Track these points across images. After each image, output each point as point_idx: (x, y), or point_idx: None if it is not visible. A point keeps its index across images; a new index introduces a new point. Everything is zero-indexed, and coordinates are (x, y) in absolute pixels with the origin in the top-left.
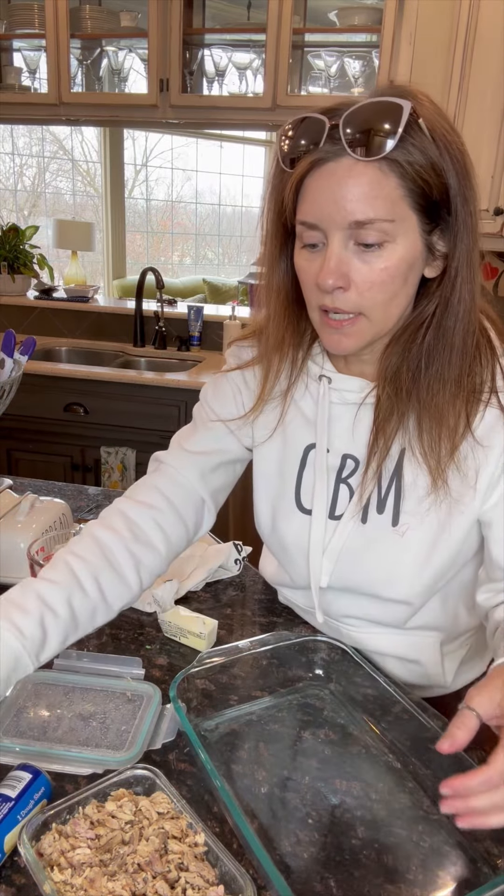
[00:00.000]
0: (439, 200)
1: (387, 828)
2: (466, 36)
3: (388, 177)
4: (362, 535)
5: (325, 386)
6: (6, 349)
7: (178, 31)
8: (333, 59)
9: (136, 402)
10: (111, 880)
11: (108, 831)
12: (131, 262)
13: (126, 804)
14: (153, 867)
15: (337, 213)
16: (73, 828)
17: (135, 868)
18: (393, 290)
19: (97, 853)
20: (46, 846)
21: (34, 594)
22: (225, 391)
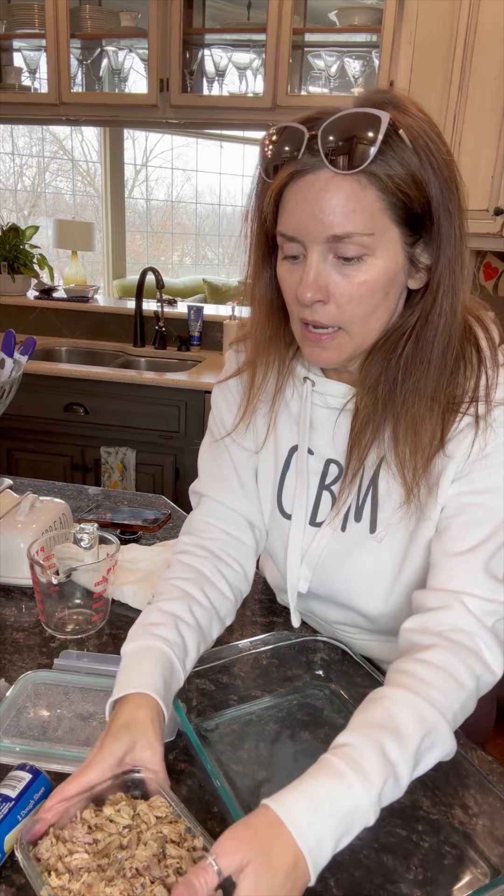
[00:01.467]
0: (421, 213)
1: (387, 828)
2: (466, 36)
3: (367, 189)
4: (341, 543)
5: (309, 388)
6: (6, 349)
7: (178, 31)
8: (333, 59)
9: (136, 402)
10: (109, 885)
11: (106, 836)
12: (131, 262)
13: (124, 808)
14: (151, 872)
15: (315, 226)
16: (71, 832)
17: (133, 873)
18: (373, 303)
19: (95, 858)
20: (44, 851)
21: (158, 611)
22: (228, 401)
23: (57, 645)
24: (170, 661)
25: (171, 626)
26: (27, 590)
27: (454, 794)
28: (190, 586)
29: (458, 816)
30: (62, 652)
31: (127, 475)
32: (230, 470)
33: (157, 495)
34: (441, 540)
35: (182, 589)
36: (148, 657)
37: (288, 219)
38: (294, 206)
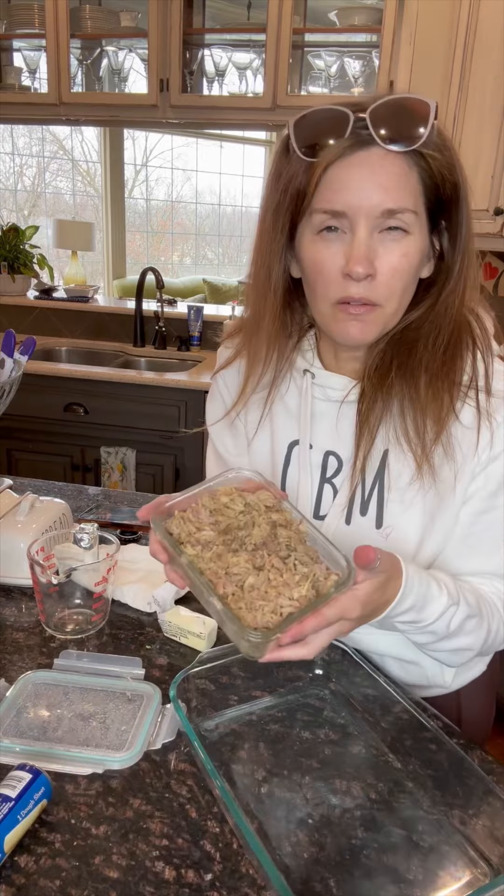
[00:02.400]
0: (446, 199)
1: (387, 828)
2: (466, 36)
3: (413, 171)
4: (347, 537)
5: (309, 381)
6: (6, 349)
7: (178, 31)
8: (333, 59)
9: (136, 402)
10: (234, 555)
11: (226, 518)
12: (131, 262)
13: (236, 498)
14: (267, 547)
15: (369, 200)
16: (196, 515)
17: (253, 546)
18: (408, 280)
19: (219, 535)
20: (174, 527)
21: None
22: (216, 402)
23: (57, 645)
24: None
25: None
26: (27, 590)
27: (454, 794)
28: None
29: (458, 816)
30: (62, 652)
31: (127, 475)
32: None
33: (157, 495)
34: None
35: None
36: None
37: (336, 195)
38: (345, 182)
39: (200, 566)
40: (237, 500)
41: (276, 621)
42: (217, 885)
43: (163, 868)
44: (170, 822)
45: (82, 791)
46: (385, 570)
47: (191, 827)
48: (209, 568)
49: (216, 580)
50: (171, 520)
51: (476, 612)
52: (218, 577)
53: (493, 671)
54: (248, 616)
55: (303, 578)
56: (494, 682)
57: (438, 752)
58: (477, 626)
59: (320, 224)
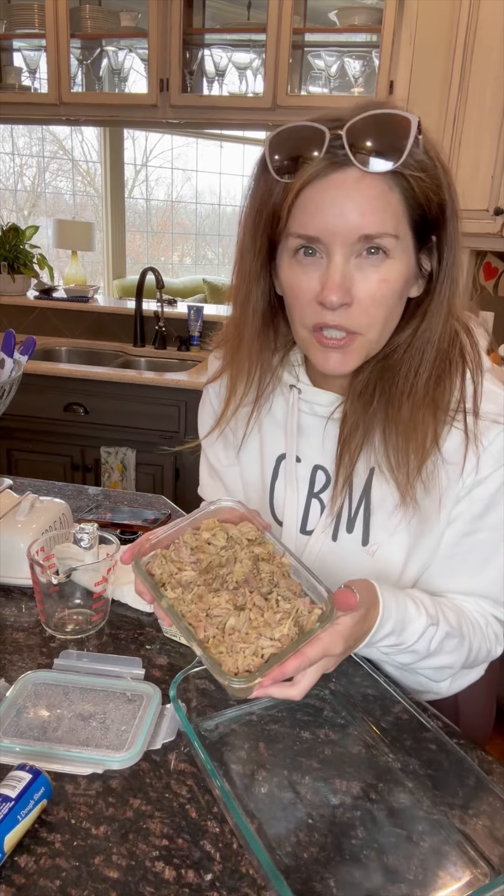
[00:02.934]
0: (432, 219)
1: (387, 828)
2: (466, 36)
3: (394, 191)
4: (333, 553)
5: (295, 396)
6: (6, 349)
7: (178, 31)
8: (333, 59)
9: (136, 402)
10: (216, 595)
11: (207, 556)
12: (131, 262)
13: (218, 533)
14: (249, 584)
15: (344, 225)
16: (177, 553)
17: (234, 585)
18: (390, 306)
19: (200, 574)
20: (156, 568)
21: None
22: (207, 412)
23: (57, 645)
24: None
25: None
26: (27, 590)
27: (454, 794)
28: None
29: (458, 816)
30: (62, 652)
31: (127, 475)
32: (218, 482)
33: (157, 495)
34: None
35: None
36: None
37: (310, 219)
38: (319, 206)
39: (181, 609)
40: (219, 535)
41: (258, 663)
42: (217, 885)
43: (163, 868)
44: (170, 822)
45: (82, 791)
46: (364, 604)
47: (191, 827)
48: (190, 611)
49: (197, 623)
50: (153, 559)
51: (457, 632)
52: (198, 621)
53: (492, 675)
54: (228, 660)
55: (284, 616)
56: (493, 685)
57: (438, 752)
58: (458, 646)
59: (295, 248)
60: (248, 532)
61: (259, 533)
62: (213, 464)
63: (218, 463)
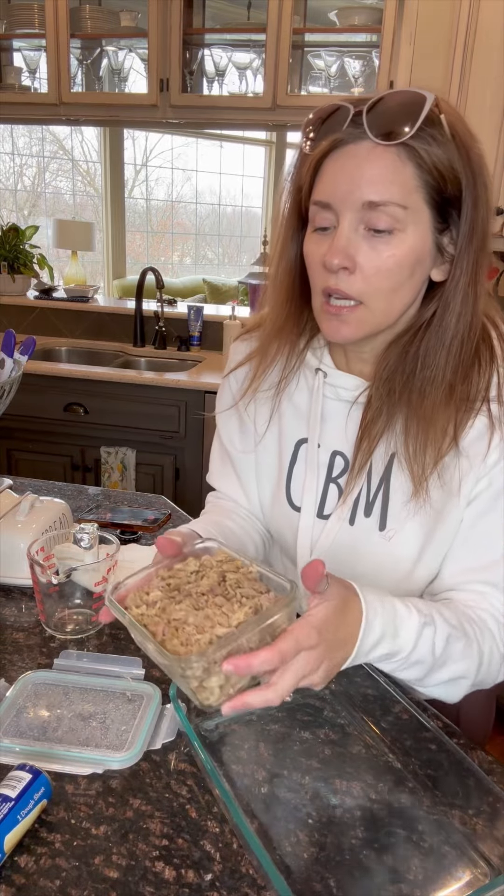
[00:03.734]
0: (451, 199)
1: (387, 828)
2: (466, 36)
3: (406, 165)
4: (350, 537)
5: (321, 380)
6: (6, 349)
7: (178, 31)
8: (333, 59)
9: (136, 402)
10: (178, 605)
11: (176, 580)
12: (131, 262)
13: (191, 562)
14: (213, 591)
15: (351, 193)
16: (148, 584)
17: (198, 594)
18: (398, 280)
19: (168, 592)
20: (129, 601)
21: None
22: (224, 398)
23: (57, 645)
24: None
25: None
26: (27, 590)
27: (454, 794)
28: (225, 517)
29: (458, 816)
30: (62, 652)
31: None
32: (234, 477)
33: (157, 495)
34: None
35: (217, 518)
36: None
37: (324, 186)
38: (332, 174)
39: (144, 622)
40: (191, 562)
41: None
42: (217, 885)
43: (163, 868)
44: (170, 822)
45: (82, 791)
46: (337, 595)
47: (191, 827)
48: (152, 621)
49: (154, 628)
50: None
51: (460, 634)
52: (157, 626)
53: None
54: (181, 650)
55: (242, 607)
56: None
57: (438, 752)
58: (466, 649)
59: (314, 217)
60: (220, 556)
61: (232, 557)
62: (225, 446)
63: (231, 447)
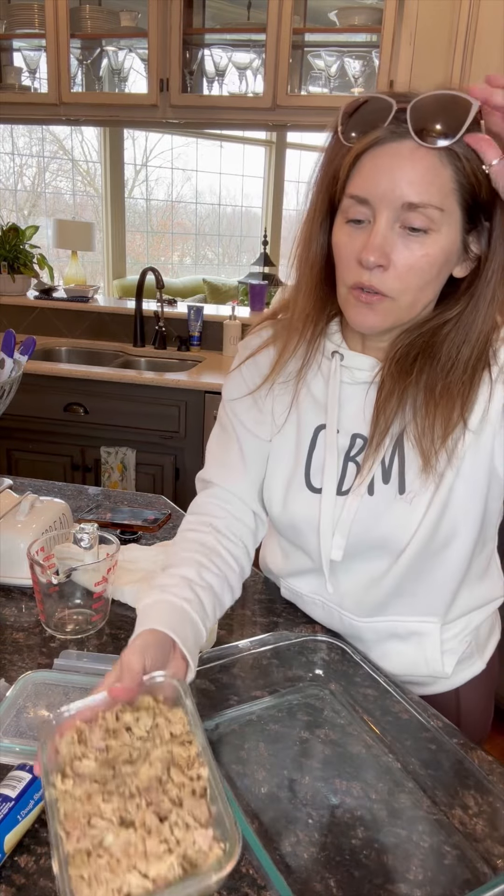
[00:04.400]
0: (483, 202)
1: (387, 828)
2: (466, 36)
3: (446, 167)
4: (370, 507)
5: (337, 363)
6: (6, 349)
7: (178, 31)
8: (333, 59)
9: (136, 402)
10: (106, 800)
11: (119, 745)
12: (131, 262)
13: (144, 718)
14: (149, 794)
15: (392, 191)
16: (90, 734)
17: (132, 791)
18: (427, 278)
19: (101, 767)
20: (64, 746)
21: (169, 575)
22: (240, 387)
23: (57, 645)
24: (186, 613)
25: (184, 586)
26: (27, 590)
27: (454, 794)
28: (198, 556)
29: (458, 816)
30: (62, 652)
31: (127, 475)
32: (237, 457)
33: (157, 495)
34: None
35: (191, 558)
36: (161, 607)
37: (363, 182)
38: (373, 170)
39: (64, 806)
40: (143, 721)
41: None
42: None
43: None
44: None
45: None
46: None
47: None
48: (73, 810)
49: (71, 830)
50: (67, 735)
51: None
52: (74, 827)
53: (491, 669)
54: (86, 891)
55: (170, 851)
56: (492, 681)
57: (438, 752)
58: None
59: (347, 209)
60: (177, 726)
61: (186, 731)
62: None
63: (241, 426)
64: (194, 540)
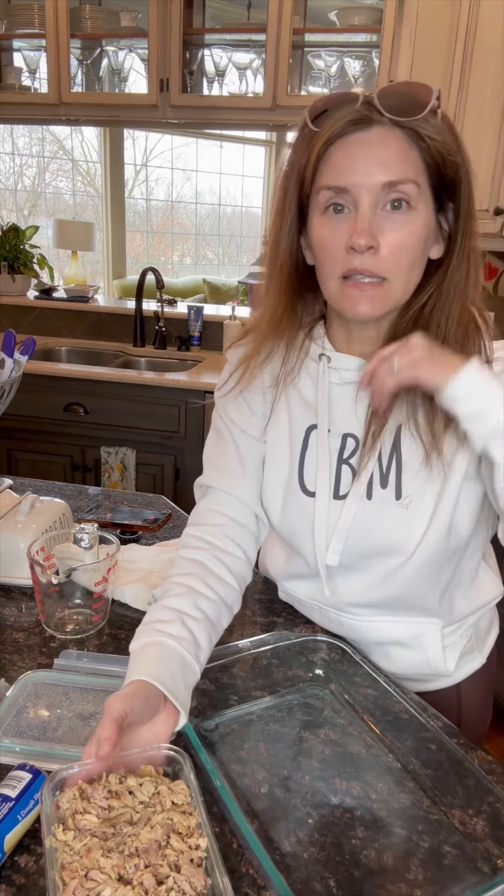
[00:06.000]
0: (448, 180)
1: (387, 828)
2: (466, 36)
3: (413, 148)
4: (368, 511)
5: (325, 365)
6: (6, 349)
7: (178, 31)
8: (333, 59)
9: (136, 402)
10: (105, 856)
11: (121, 806)
12: (131, 262)
13: (147, 784)
14: (148, 856)
15: (369, 175)
16: (93, 791)
17: (131, 851)
18: (415, 255)
19: (103, 824)
20: (65, 801)
21: (163, 609)
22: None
23: (57, 645)
24: (178, 654)
25: (177, 622)
26: (27, 590)
27: (454, 794)
28: (194, 581)
29: (458, 816)
30: (62, 652)
31: (127, 475)
32: (235, 460)
33: (157, 495)
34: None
35: (186, 585)
36: (152, 651)
37: (338, 172)
38: (346, 159)
39: (63, 857)
40: (147, 787)
41: None
42: None
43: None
44: None
45: None
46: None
47: None
48: (71, 862)
49: (68, 881)
50: (68, 791)
51: None
52: (71, 878)
53: (490, 664)
54: None
55: None
56: (492, 676)
57: (438, 752)
58: None
59: (326, 201)
60: (179, 796)
61: (188, 802)
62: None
63: (234, 427)
64: (190, 559)
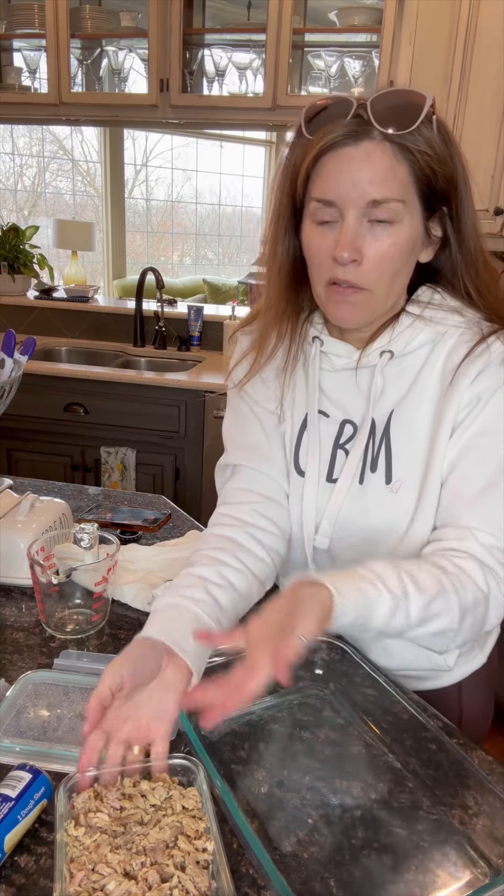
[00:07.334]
0: (440, 190)
1: (387, 828)
2: (466, 36)
3: (401, 163)
4: (360, 496)
5: (317, 348)
6: (6, 349)
7: (178, 31)
8: (333, 59)
9: (136, 402)
10: (113, 852)
11: (133, 808)
12: (131, 262)
13: (160, 789)
14: (154, 855)
15: (355, 192)
16: (107, 792)
17: (138, 849)
18: (398, 265)
19: (113, 823)
20: (80, 802)
21: (188, 575)
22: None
23: (57, 645)
24: (192, 613)
25: (199, 587)
26: (27, 590)
27: (454, 794)
28: (221, 554)
29: (458, 816)
30: (62, 652)
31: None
32: (262, 436)
33: (157, 495)
34: (450, 483)
35: (212, 556)
36: (171, 613)
37: (327, 185)
38: (335, 173)
39: (72, 851)
40: (160, 791)
41: None
42: None
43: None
44: None
45: None
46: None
47: None
48: (79, 855)
49: (76, 872)
50: (83, 792)
51: (437, 593)
52: (78, 870)
53: (491, 664)
54: None
55: None
56: (493, 675)
57: (438, 752)
58: (445, 605)
59: (315, 212)
60: (190, 801)
61: (198, 808)
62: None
63: (255, 404)
64: (220, 535)
